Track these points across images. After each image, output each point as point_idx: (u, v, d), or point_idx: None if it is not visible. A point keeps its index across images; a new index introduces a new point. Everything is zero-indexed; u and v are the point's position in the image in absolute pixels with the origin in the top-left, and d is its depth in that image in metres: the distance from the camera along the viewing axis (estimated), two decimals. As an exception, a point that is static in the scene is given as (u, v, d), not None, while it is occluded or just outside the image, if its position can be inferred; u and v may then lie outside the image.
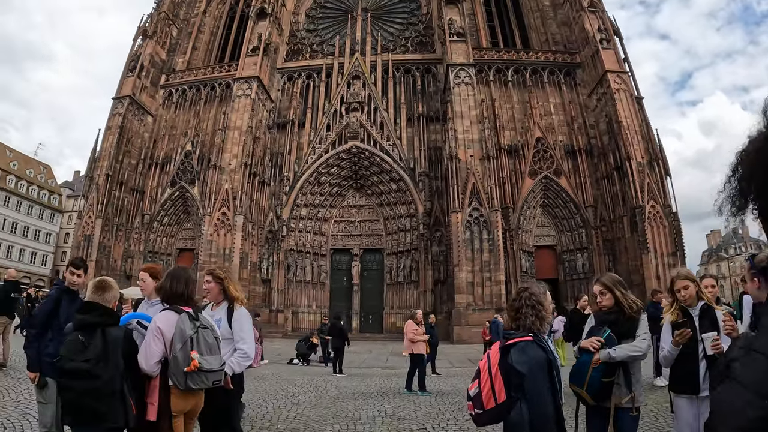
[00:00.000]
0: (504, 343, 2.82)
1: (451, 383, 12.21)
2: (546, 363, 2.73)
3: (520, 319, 2.91)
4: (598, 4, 34.04)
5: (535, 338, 2.79)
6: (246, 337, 4.01)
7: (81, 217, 32.81)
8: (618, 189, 29.40)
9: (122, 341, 3.25)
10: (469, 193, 28.18)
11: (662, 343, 3.96)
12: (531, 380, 2.63)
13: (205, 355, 3.30)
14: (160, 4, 40.03)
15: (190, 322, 3.38)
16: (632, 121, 29.72)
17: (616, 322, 3.71)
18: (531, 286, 3.09)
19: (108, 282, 3.56)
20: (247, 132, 32.22)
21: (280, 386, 11.23)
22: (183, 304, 3.56)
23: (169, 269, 3.90)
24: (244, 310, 4.14)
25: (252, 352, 4.03)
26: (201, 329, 3.38)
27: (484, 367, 2.80)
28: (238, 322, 4.03)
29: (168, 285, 3.62)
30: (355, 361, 17.73)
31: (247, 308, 4.36)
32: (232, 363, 3.85)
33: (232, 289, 4.15)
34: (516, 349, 2.72)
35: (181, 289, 3.62)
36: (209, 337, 3.41)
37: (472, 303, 26.75)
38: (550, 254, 31.38)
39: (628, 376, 3.60)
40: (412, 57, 37.34)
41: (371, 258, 34.49)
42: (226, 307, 4.12)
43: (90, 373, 3.05)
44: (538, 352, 2.72)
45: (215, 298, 4.22)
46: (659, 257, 26.96)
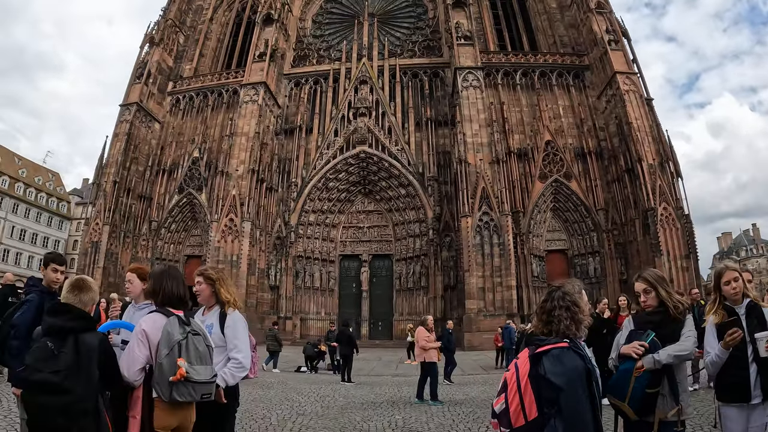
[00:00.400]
0: (534, 350, 2.48)
1: (463, 392, 11.82)
2: (585, 373, 2.38)
3: (552, 323, 2.58)
4: (606, 5, 33.66)
5: (571, 344, 2.45)
6: (240, 345, 3.62)
7: (88, 223, 32.74)
8: (629, 191, 28.91)
9: (98, 349, 2.85)
10: (478, 197, 27.83)
11: (707, 347, 3.52)
12: (568, 394, 2.27)
13: (194, 364, 2.94)
14: (167, 11, 40.11)
15: (180, 327, 3.02)
16: (642, 123, 29.24)
17: (660, 324, 3.32)
18: (564, 284, 2.76)
19: (86, 281, 3.16)
20: (255, 138, 32.07)
21: (286, 395, 10.91)
22: (177, 306, 3.24)
23: (155, 268, 3.56)
24: (239, 315, 3.76)
25: (247, 362, 3.64)
26: (191, 335, 3.02)
27: (511, 379, 2.46)
28: (232, 328, 3.65)
29: (166, 286, 3.28)
30: (365, 368, 17.42)
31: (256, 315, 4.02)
32: (225, 374, 3.47)
33: (224, 292, 3.76)
34: (549, 357, 2.39)
35: (181, 291, 3.32)
36: (200, 345, 3.05)
37: (483, 309, 26.32)
38: (562, 258, 30.91)
39: (674, 385, 3.18)
40: (419, 61, 37.14)
41: (380, 264, 34.19)
42: (218, 311, 3.74)
43: (60, 387, 2.66)
44: (575, 361, 2.39)
45: (207, 302, 3.85)
46: (672, 260, 26.46)
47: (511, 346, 17.27)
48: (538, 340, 2.56)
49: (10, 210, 53.62)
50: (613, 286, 28.74)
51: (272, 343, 17.54)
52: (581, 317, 2.60)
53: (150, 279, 3.43)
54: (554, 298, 2.65)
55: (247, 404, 9.49)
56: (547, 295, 2.72)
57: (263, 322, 30.63)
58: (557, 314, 2.58)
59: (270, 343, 17.64)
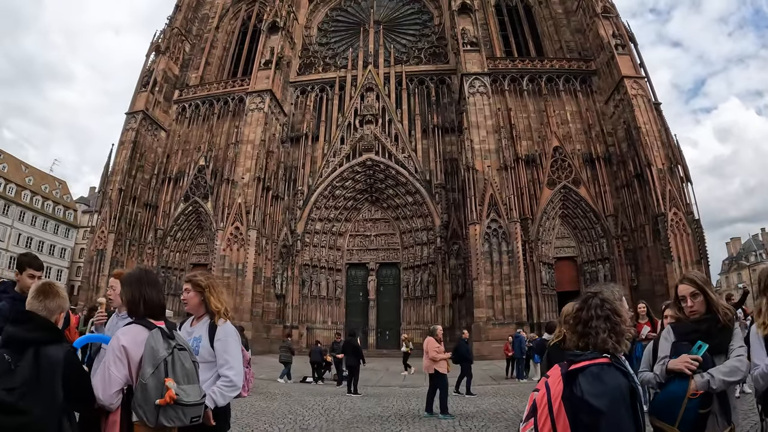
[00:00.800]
0: (567, 367, 2.14)
1: (474, 404, 11.49)
2: (629, 393, 2.05)
3: (589, 336, 2.24)
4: (612, 10, 33.46)
5: (612, 360, 2.13)
6: (232, 360, 3.26)
7: (93, 231, 32.65)
8: (639, 197, 28.52)
9: (63, 364, 2.47)
10: (486, 204, 27.51)
11: (755, 359, 3.08)
12: (610, 418, 1.94)
13: (182, 384, 2.60)
14: (173, 20, 40.22)
15: (164, 341, 2.66)
16: (651, 127, 28.89)
17: (708, 333, 2.96)
18: (602, 289, 2.41)
19: (53, 286, 2.76)
20: (260, 146, 31.92)
21: (290, 408, 10.62)
22: (159, 317, 2.87)
23: (130, 273, 3.05)
24: (231, 328, 3.39)
25: (239, 380, 3.27)
26: (177, 350, 2.68)
27: (542, 401, 2.11)
28: (222, 341, 3.29)
29: (147, 294, 2.87)
30: (372, 379, 17.09)
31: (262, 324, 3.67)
32: (214, 393, 3.12)
33: (214, 300, 3.39)
34: (587, 375, 2.05)
35: (162, 299, 2.95)
36: (187, 361, 2.71)
37: (492, 317, 25.91)
38: (571, 266, 30.52)
39: (726, 404, 2.84)
40: (425, 68, 37.01)
41: (387, 272, 33.86)
42: (207, 323, 3.38)
43: (14, 407, 2.28)
44: (618, 379, 2.06)
45: (195, 312, 3.49)
46: (683, 266, 25.95)
47: (522, 355, 16.98)
48: (572, 356, 2.21)
49: (16, 218, 53.74)
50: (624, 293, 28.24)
51: (285, 353, 17.29)
52: (623, 328, 2.26)
53: (126, 286, 2.94)
54: (591, 306, 2.30)
55: (248, 418, 9.25)
56: (582, 303, 2.37)
57: (269, 332, 30.45)
58: (595, 325, 2.24)
59: (283, 353, 17.41)
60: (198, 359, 3.12)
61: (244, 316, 27.76)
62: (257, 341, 26.91)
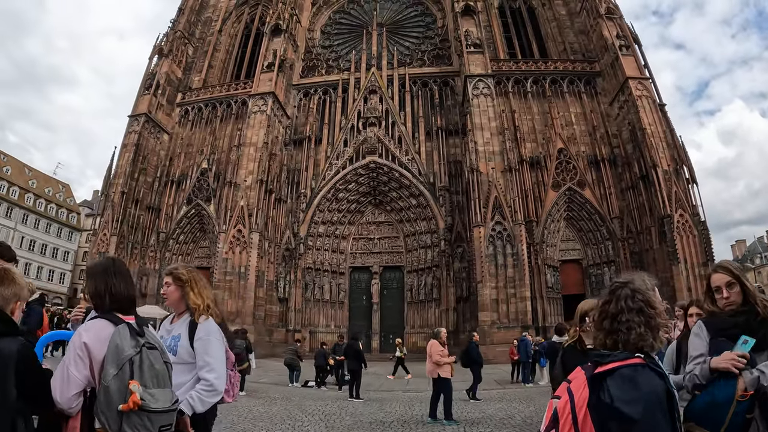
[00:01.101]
0: (593, 370, 1.88)
1: (479, 409, 11.25)
2: (665, 397, 1.77)
3: (619, 332, 1.95)
4: (616, 11, 33.30)
5: (647, 360, 1.85)
6: (213, 362, 2.97)
7: (96, 234, 32.54)
8: (644, 199, 28.24)
9: (16, 360, 2.16)
10: (491, 206, 27.31)
11: None
12: (645, 428, 1.67)
13: (150, 388, 2.30)
14: (176, 23, 40.23)
15: (132, 338, 2.36)
16: (656, 128, 28.66)
17: (748, 327, 2.60)
18: (632, 278, 2.09)
19: (9, 272, 2.45)
20: (263, 148, 31.80)
21: (289, 413, 10.38)
22: (128, 311, 2.56)
23: (96, 262, 2.73)
24: (213, 326, 3.08)
25: (221, 384, 2.98)
26: (147, 349, 2.38)
27: (564, 409, 1.86)
28: (203, 341, 2.99)
29: (114, 285, 2.54)
30: (374, 383, 16.85)
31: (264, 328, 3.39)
32: (192, 398, 2.83)
33: (193, 296, 3.11)
34: (616, 379, 1.79)
35: (131, 291, 2.63)
36: (157, 362, 2.40)
37: (497, 321, 25.67)
38: (576, 269, 30.24)
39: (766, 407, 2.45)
40: (429, 70, 36.86)
41: (391, 276, 33.64)
42: (188, 320, 3.10)
43: None
44: (653, 382, 1.78)
45: (176, 307, 3.22)
46: (690, 268, 25.72)
47: (528, 359, 16.74)
48: (598, 357, 1.94)
49: (20, 220, 53.79)
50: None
51: (291, 356, 17.10)
52: (659, 322, 1.96)
53: (90, 278, 2.61)
54: (620, 298, 2.01)
55: (245, 423, 9.08)
56: (610, 295, 2.07)
57: (272, 335, 30.28)
58: (626, 319, 1.95)
59: (289, 356, 17.22)
60: (176, 360, 2.91)
61: (246, 319, 27.57)
62: (259, 345, 26.71)
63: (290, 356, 17.16)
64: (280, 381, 16.90)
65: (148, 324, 2.61)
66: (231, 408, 10.30)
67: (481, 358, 14.08)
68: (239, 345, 14.37)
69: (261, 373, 18.28)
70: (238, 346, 14.35)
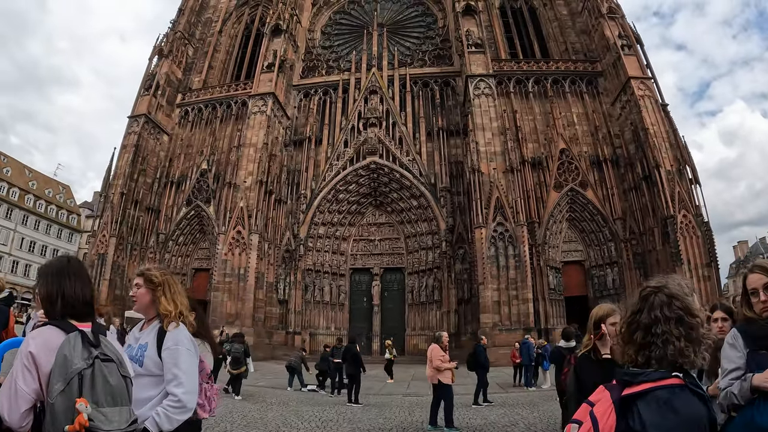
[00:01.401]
0: (620, 391, 1.61)
1: (481, 415, 10.99)
2: (708, 425, 1.51)
3: (653, 347, 1.66)
4: (617, 11, 33.04)
5: (686, 379, 1.57)
6: (182, 375, 2.63)
7: (95, 235, 32.36)
8: (647, 199, 27.95)
9: None
10: (493, 207, 27.05)
11: None
12: None
13: (103, 406, 2.01)
14: (176, 23, 40.08)
15: (84, 349, 2.08)
16: (659, 128, 28.37)
17: None
18: (666, 282, 1.79)
19: None
20: (263, 149, 31.57)
21: (285, 419, 10.12)
22: (84, 317, 2.27)
23: (49, 263, 2.43)
24: (184, 334, 2.77)
25: (191, 399, 2.64)
26: (101, 362, 2.09)
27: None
28: (171, 351, 2.67)
29: (68, 288, 2.26)
30: (374, 387, 16.61)
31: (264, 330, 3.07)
32: (158, 415, 2.52)
33: (164, 301, 2.80)
34: (650, 403, 1.51)
35: (87, 294, 2.32)
36: (113, 376, 2.10)
37: (499, 323, 25.37)
38: (578, 270, 29.96)
39: None
40: (429, 70, 36.63)
41: (392, 277, 33.38)
42: (156, 328, 2.79)
43: None
44: (695, 407, 1.51)
45: (145, 312, 2.90)
46: (693, 269, 25.43)
47: (531, 362, 16.49)
48: (627, 375, 1.66)
49: (20, 221, 53.72)
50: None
51: (296, 360, 16.90)
52: (701, 333, 1.67)
53: (41, 279, 2.35)
54: (654, 306, 1.72)
55: (239, 429, 8.85)
56: (641, 302, 1.79)
57: (271, 337, 30.06)
58: (662, 331, 1.66)
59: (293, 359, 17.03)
60: (143, 371, 2.64)
61: (246, 321, 27.36)
62: (259, 347, 26.51)
63: (295, 360, 16.96)
64: (278, 384, 16.67)
65: (107, 331, 2.32)
66: (225, 413, 10.09)
67: (488, 362, 13.83)
68: (237, 349, 14.22)
69: (259, 377, 18.05)
70: (236, 350, 14.21)
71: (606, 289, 28.67)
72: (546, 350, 16.80)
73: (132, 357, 2.66)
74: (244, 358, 14.07)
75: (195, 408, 2.76)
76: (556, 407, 10.90)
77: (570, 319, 27.53)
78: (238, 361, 13.96)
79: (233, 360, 14.03)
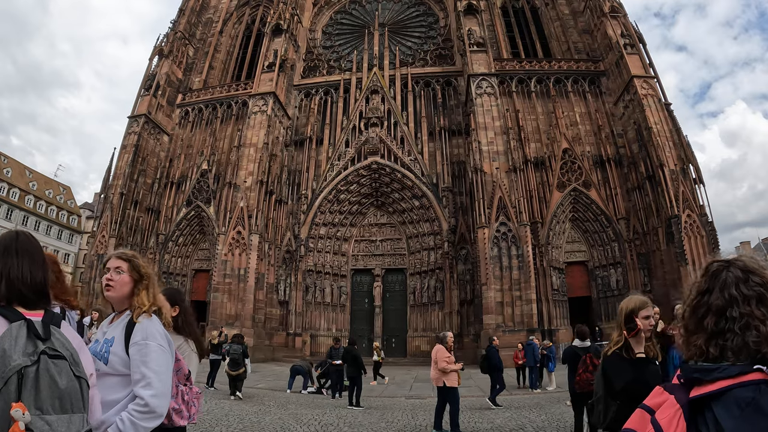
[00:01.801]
0: (687, 392, 1.29)
1: (487, 419, 10.63)
2: None
3: (727, 334, 1.33)
4: (620, 9, 32.84)
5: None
6: (151, 375, 2.23)
7: (94, 236, 32.12)
8: (651, 199, 27.65)
9: None
10: (495, 207, 26.77)
11: None
12: None
13: (48, 413, 1.63)
14: (177, 24, 39.89)
15: (28, 342, 1.70)
16: (662, 127, 28.09)
17: None
18: (738, 257, 1.45)
19: None
20: (263, 149, 31.32)
21: (283, 423, 9.76)
22: (33, 304, 1.86)
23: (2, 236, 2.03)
24: (155, 327, 2.37)
25: (161, 404, 2.22)
26: (48, 358, 1.70)
27: None
28: (140, 347, 2.28)
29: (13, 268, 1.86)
30: (376, 389, 16.34)
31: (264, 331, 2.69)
32: (122, 421, 2.12)
33: (145, 296, 2.44)
34: (729, 405, 1.18)
35: (38, 276, 1.91)
36: (62, 377, 1.71)
37: (502, 324, 25.04)
38: (582, 271, 29.67)
39: None
40: (431, 70, 36.39)
41: (394, 278, 33.10)
42: (126, 320, 2.40)
43: None
44: None
45: (119, 303, 2.49)
46: (698, 269, 24.84)
47: (535, 364, 16.21)
48: (696, 371, 1.32)
49: (20, 222, 53.44)
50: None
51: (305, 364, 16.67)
52: None
53: None
54: (728, 284, 1.38)
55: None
56: (710, 280, 1.44)
57: (272, 339, 29.79)
58: (740, 314, 1.33)
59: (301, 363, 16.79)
60: (108, 370, 2.27)
61: (246, 322, 27.09)
62: (259, 349, 26.26)
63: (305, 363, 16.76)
64: (278, 387, 16.39)
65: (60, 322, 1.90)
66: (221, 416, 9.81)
67: (502, 363, 13.52)
68: (236, 350, 14.02)
69: (259, 378, 17.80)
70: (235, 350, 14.00)
71: (610, 290, 28.40)
72: (551, 351, 16.55)
73: (96, 353, 2.32)
74: (242, 358, 13.83)
75: (170, 414, 2.44)
76: (565, 410, 10.65)
77: (573, 320, 27.27)
78: (236, 362, 13.73)
79: (231, 361, 13.81)
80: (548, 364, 16.29)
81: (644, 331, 2.82)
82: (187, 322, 3.20)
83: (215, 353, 15.85)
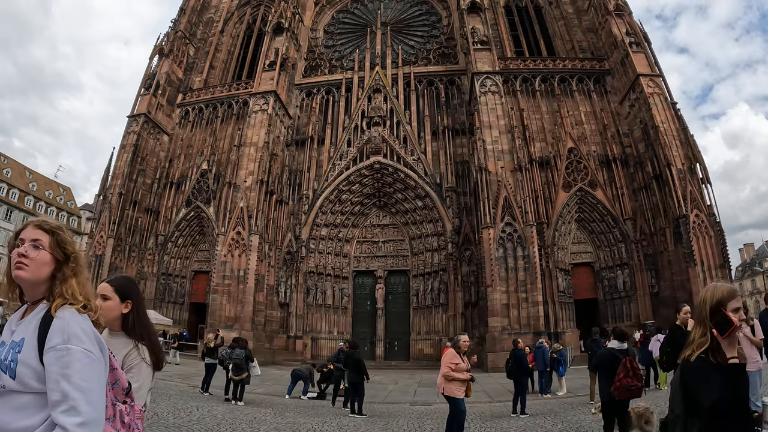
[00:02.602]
0: None
1: (499, 427, 9.99)
2: None
3: None
4: (625, 8, 32.44)
5: None
6: (75, 394, 1.55)
7: (92, 236, 31.66)
8: (658, 199, 27.16)
9: None
10: (500, 207, 26.25)
11: None
12: None
13: None
14: (177, 23, 39.53)
15: None
16: (669, 126, 27.63)
17: None
18: None
19: None
20: (264, 148, 30.82)
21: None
22: None
23: None
24: (79, 323, 1.70)
25: None
26: None
27: None
28: (58, 353, 1.61)
29: None
30: (379, 395, 15.70)
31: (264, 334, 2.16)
32: None
33: (74, 284, 1.80)
34: None
35: None
36: None
37: (508, 326, 24.47)
38: (588, 272, 29.13)
39: None
40: (434, 69, 35.92)
41: (396, 280, 32.55)
42: (41, 314, 1.73)
43: None
44: None
45: (32, 289, 1.81)
46: (706, 270, 24.56)
47: (545, 368, 15.65)
48: None
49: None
50: (644, 300, 27.05)
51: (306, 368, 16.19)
52: None
53: None
54: None
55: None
56: None
57: (272, 342, 29.28)
58: None
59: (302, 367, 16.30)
60: (16, 386, 1.62)
61: (245, 325, 26.58)
62: (259, 352, 25.64)
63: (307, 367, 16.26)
64: (277, 392, 15.86)
65: None
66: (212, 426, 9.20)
67: (527, 367, 12.88)
68: (238, 354, 13.44)
69: (258, 383, 17.26)
70: (237, 355, 13.42)
71: (617, 292, 27.91)
72: (562, 355, 16.00)
73: (2, 362, 1.68)
74: (245, 363, 13.30)
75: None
76: (583, 417, 10.09)
77: (579, 323, 26.81)
78: (239, 367, 13.20)
79: (234, 366, 13.28)
80: (558, 368, 15.73)
81: (739, 330, 2.23)
82: (141, 322, 2.53)
83: (211, 357, 15.27)
